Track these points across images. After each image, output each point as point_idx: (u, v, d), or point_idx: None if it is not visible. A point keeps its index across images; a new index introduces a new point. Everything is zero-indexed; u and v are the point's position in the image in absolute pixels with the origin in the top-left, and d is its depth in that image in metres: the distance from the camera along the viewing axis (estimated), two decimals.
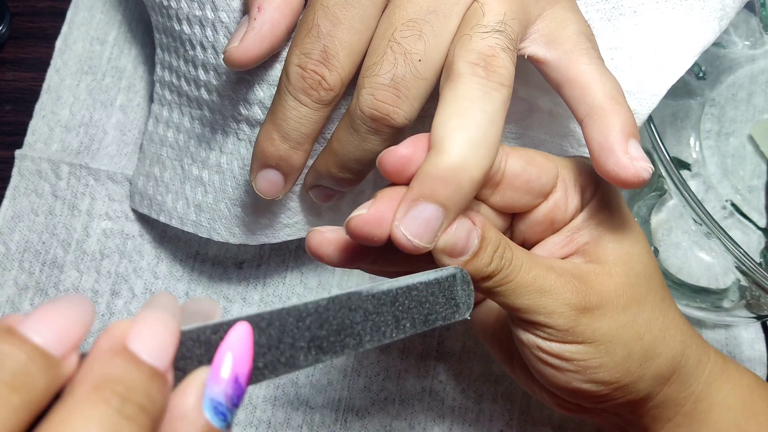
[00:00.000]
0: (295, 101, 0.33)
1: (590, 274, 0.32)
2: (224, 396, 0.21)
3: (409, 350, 0.47)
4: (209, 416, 0.21)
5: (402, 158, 0.29)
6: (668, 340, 0.33)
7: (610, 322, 0.31)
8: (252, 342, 0.23)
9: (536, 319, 0.31)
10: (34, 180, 0.49)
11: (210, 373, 0.22)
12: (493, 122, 0.29)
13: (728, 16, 0.37)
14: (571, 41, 0.32)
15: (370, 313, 0.26)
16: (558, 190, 0.32)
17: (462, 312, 0.29)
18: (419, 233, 0.28)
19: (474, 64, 0.29)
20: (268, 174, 0.35)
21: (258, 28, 0.33)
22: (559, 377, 0.32)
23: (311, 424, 0.46)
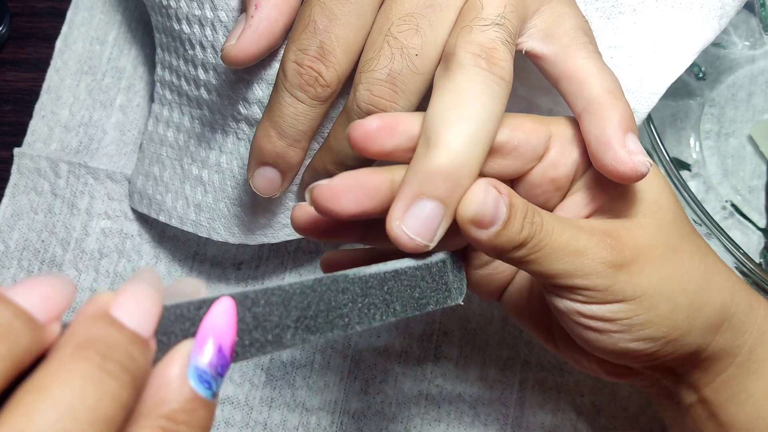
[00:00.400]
0: (291, 98, 0.33)
1: (621, 229, 0.30)
2: (208, 365, 0.22)
3: (406, 353, 0.47)
4: (194, 384, 0.21)
5: (367, 131, 0.29)
6: (714, 287, 0.32)
7: (649, 275, 0.30)
8: (235, 315, 0.23)
9: (573, 283, 0.29)
10: (34, 178, 0.50)
11: (194, 344, 0.22)
12: (493, 116, 0.28)
13: (728, 14, 0.36)
14: (568, 36, 0.32)
15: (358, 296, 0.26)
16: (553, 148, 0.31)
17: (454, 297, 0.29)
18: (421, 231, 0.28)
19: (476, 55, 0.29)
20: (266, 171, 0.35)
21: (255, 26, 0.33)
22: (604, 340, 0.31)
23: (307, 427, 0.46)
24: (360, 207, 0.29)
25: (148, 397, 0.21)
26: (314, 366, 0.47)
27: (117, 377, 0.19)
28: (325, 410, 0.46)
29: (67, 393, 0.18)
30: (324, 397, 0.46)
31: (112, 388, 0.19)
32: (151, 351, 0.21)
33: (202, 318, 0.23)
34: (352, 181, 0.29)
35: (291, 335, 0.25)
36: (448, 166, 0.27)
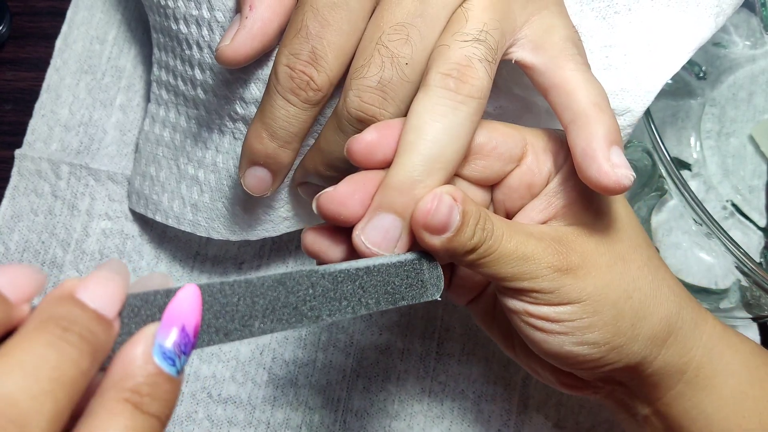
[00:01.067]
0: (283, 101, 0.33)
1: (569, 235, 0.32)
2: (172, 344, 0.23)
3: (408, 351, 0.47)
4: (158, 361, 0.23)
5: (368, 144, 0.30)
6: (660, 299, 0.33)
7: (594, 280, 0.31)
8: (200, 300, 0.25)
9: (521, 286, 0.31)
10: (34, 180, 0.49)
11: (160, 325, 0.24)
12: (455, 138, 0.30)
13: (725, 13, 0.36)
14: (557, 47, 0.32)
15: (329, 290, 0.28)
16: (528, 156, 0.33)
17: (431, 292, 0.31)
18: (378, 242, 0.30)
19: (445, 75, 0.30)
20: (257, 171, 0.36)
21: (249, 26, 0.33)
22: (550, 341, 0.32)
23: (310, 425, 0.46)
24: (366, 209, 0.31)
25: (114, 373, 0.23)
26: (316, 364, 0.47)
27: (77, 346, 0.21)
28: (328, 408, 0.46)
29: (31, 357, 0.20)
30: (327, 396, 0.46)
31: (72, 355, 0.21)
32: (113, 330, 0.23)
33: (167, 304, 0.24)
34: (355, 184, 0.30)
35: (259, 324, 0.26)
36: (401, 183, 0.29)
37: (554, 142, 0.33)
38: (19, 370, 0.20)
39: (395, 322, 0.47)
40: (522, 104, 0.38)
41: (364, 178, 0.30)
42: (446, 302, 0.46)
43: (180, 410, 0.46)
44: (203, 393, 0.46)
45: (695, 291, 0.45)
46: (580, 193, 0.33)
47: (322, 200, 0.30)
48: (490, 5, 0.31)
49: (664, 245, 0.47)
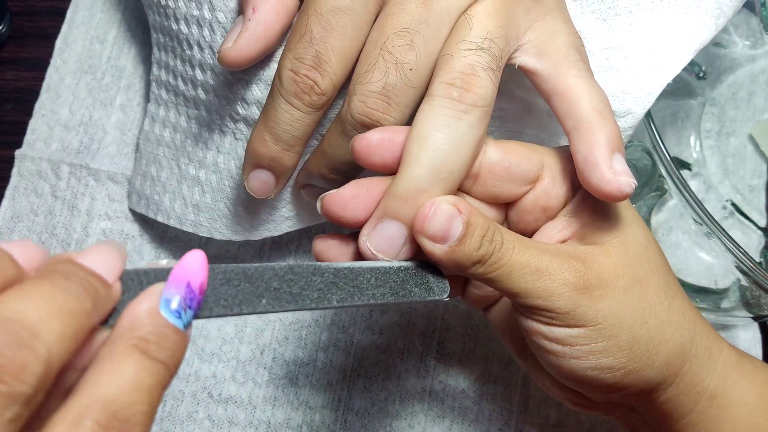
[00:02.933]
0: (287, 104, 0.33)
1: (587, 254, 0.32)
2: (178, 296, 0.24)
3: (409, 350, 0.47)
4: (164, 313, 0.24)
5: (369, 143, 0.31)
6: (675, 326, 0.32)
7: (611, 303, 0.31)
8: (205, 261, 0.26)
9: (536, 303, 0.31)
10: (34, 180, 0.49)
11: (167, 283, 0.25)
12: (457, 147, 0.30)
13: (725, 14, 0.36)
14: (560, 53, 0.32)
15: (330, 283, 0.29)
16: (545, 178, 0.33)
17: (437, 293, 0.31)
18: (383, 248, 0.31)
19: (449, 85, 0.30)
20: (260, 174, 0.36)
21: (252, 28, 0.33)
22: (564, 364, 0.32)
23: (311, 425, 0.46)
24: (368, 213, 0.31)
25: (121, 325, 0.24)
26: (317, 364, 0.47)
27: (78, 290, 0.23)
28: (328, 408, 0.46)
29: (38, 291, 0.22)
30: (327, 395, 0.46)
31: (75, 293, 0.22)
32: (111, 289, 0.24)
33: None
34: (360, 189, 0.31)
35: (265, 301, 0.27)
36: (405, 192, 0.30)
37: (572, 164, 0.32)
38: (28, 298, 0.21)
39: (396, 321, 0.47)
40: (523, 106, 0.38)
41: (368, 183, 0.31)
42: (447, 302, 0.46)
43: (180, 410, 0.46)
44: (204, 393, 0.46)
45: (695, 290, 0.46)
46: (599, 214, 0.32)
47: (326, 201, 0.31)
48: (494, 12, 0.31)
49: (664, 245, 0.47)
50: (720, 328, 0.48)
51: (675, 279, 0.34)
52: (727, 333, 0.48)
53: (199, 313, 0.26)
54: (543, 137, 0.39)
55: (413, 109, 0.32)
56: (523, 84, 0.37)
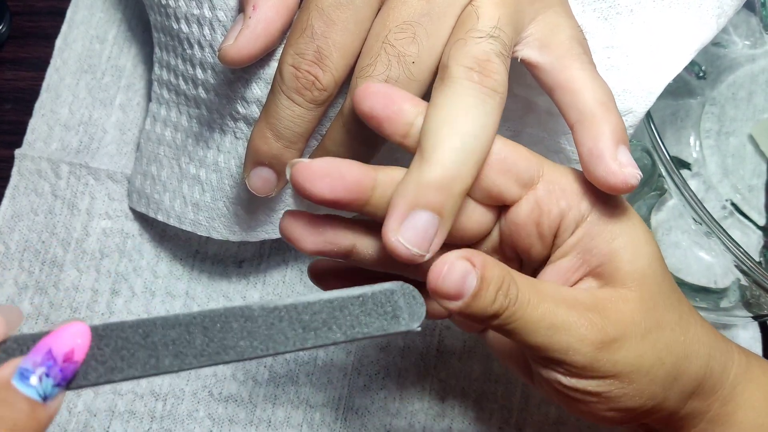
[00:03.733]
0: (288, 101, 0.33)
1: (606, 302, 0.30)
2: (32, 364, 0.24)
3: (409, 349, 0.47)
4: (15, 381, 0.23)
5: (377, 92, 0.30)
6: (692, 358, 0.32)
7: (629, 352, 0.30)
8: (85, 332, 0.25)
9: (554, 356, 0.30)
10: (34, 179, 0.49)
11: (29, 351, 0.24)
12: (485, 129, 0.29)
13: (726, 14, 0.36)
14: (563, 46, 0.32)
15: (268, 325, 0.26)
16: (540, 189, 0.31)
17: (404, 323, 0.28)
18: (417, 241, 0.28)
19: (469, 69, 0.29)
20: (262, 172, 0.35)
21: (253, 26, 0.33)
22: (583, 408, 0.32)
23: (311, 423, 0.46)
24: (334, 195, 0.29)
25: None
26: (317, 362, 0.47)
27: None
28: (328, 406, 0.46)
29: None
30: (327, 394, 0.46)
31: None
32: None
33: None
34: (332, 168, 0.29)
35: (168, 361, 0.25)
36: (441, 179, 0.28)
37: (576, 184, 0.32)
38: None
39: None
40: (523, 104, 0.38)
41: (343, 166, 0.29)
42: None
43: (181, 409, 0.46)
44: (204, 392, 0.47)
45: (695, 290, 0.46)
46: (616, 249, 0.31)
47: (295, 169, 0.29)
48: (500, 2, 0.31)
49: (664, 245, 0.47)
50: (720, 327, 0.48)
51: (687, 304, 0.33)
52: (727, 332, 0.48)
53: (76, 382, 0.25)
54: (542, 136, 0.39)
55: None
56: (523, 82, 0.37)
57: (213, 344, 0.26)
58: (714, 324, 0.48)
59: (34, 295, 0.48)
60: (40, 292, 0.48)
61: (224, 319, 0.26)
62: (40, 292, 0.48)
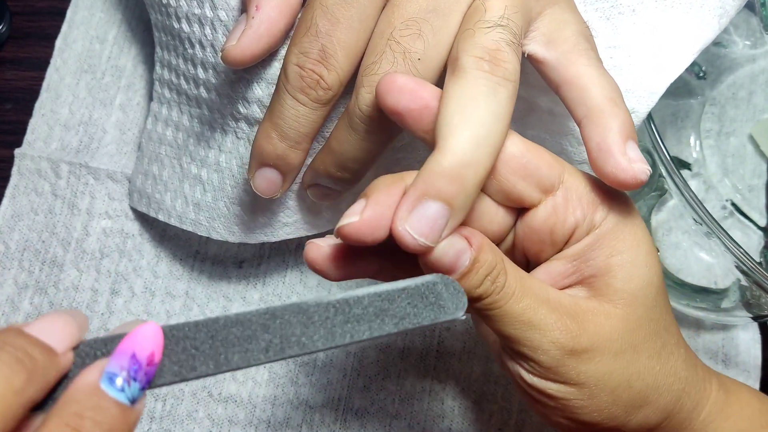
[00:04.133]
0: (293, 100, 0.32)
1: (587, 313, 0.30)
2: (119, 368, 0.24)
3: (409, 350, 0.47)
4: (104, 386, 0.23)
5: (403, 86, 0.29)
6: (662, 390, 0.32)
7: (597, 366, 0.30)
8: (159, 332, 0.25)
9: (521, 350, 0.30)
10: (34, 179, 0.49)
11: (111, 355, 0.24)
12: (499, 118, 0.28)
13: (728, 14, 0.36)
14: (570, 42, 0.32)
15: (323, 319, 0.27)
16: (559, 195, 0.31)
17: (450, 311, 0.28)
18: (425, 232, 0.27)
19: (479, 59, 0.29)
20: (266, 173, 0.35)
21: (255, 26, 0.33)
22: (540, 409, 0.32)
23: (311, 424, 0.46)
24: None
25: (61, 400, 0.23)
26: (317, 363, 0.47)
27: (10, 366, 0.22)
28: (328, 407, 0.46)
29: None
30: (327, 394, 0.46)
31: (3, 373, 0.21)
32: (58, 359, 0.24)
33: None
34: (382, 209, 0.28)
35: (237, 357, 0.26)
36: (452, 167, 0.27)
37: (594, 193, 0.31)
38: None
39: None
40: (525, 105, 0.38)
41: (387, 199, 0.28)
42: None
43: (180, 409, 0.46)
44: (204, 392, 0.46)
45: (695, 291, 0.46)
46: (612, 266, 0.31)
47: (346, 231, 0.28)
48: None
49: (664, 245, 0.47)
50: (720, 328, 0.48)
51: (676, 334, 0.33)
52: (727, 333, 0.48)
53: (153, 383, 0.25)
54: (544, 137, 0.39)
55: None
56: (527, 82, 0.37)
57: (276, 340, 0.26)
58: (714, 324, 0.48)
59: (34, 295, 0.48)
60: (40, 292, 0.48)
61: (282, 315, 0.26)
62: (40, 292, 0.48)
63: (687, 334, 0.48)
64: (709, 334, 0.48)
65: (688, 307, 0.45)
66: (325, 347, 0.26)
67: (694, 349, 0.48)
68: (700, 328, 0.48)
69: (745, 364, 0.48)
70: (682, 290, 0.45)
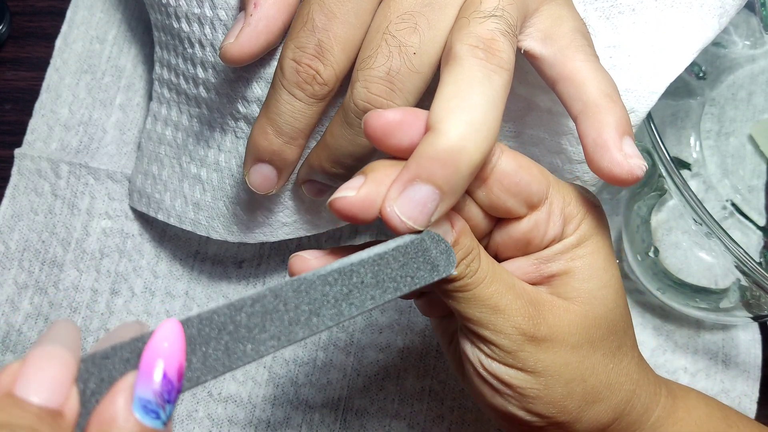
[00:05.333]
0: (289, 95, 0.33)
1: (550, 305, 0.31)
2: (153, 393, 0.22)
3: (408, 350, 0.47)
4: (140, 416, 0.21)
5: (388, 123, 0.28)
6: (615, 388, 0.32)
7: (554, 356, 0.31)
8: (182, 335, 0.23)
9: (483, 334, 0.30)
10: (34, 179, 0.49)
11: (138, 373, 0.22)
12: (494, 105, 0.28)
13: (728, 14, 0.36)
14: (567, 38, 0.32)
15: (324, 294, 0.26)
16: (542, 211, 0.31)
17: (442, 270, 0.28)
18: (413, 215, 0.27)
19: (473, 47, 0.29)
20: (262, 168, 0.35)
21: (254, 24, 0.33)
22: (496, 399, 0.32)
23: (310, 424, 0.46)
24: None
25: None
26: (317, 363, 0.47)
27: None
28: (328, 407, 0.46)
29: None
30: (327, 395, 0.46)
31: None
32: (64, 418, 0.21)
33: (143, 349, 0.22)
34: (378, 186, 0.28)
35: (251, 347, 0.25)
36: (446, 151, 0.27)
37: (573, 207, 0.32)
38: None
39: (395, 320, 0.47)
40: (524, 104, 0.38)
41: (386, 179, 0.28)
42: None
43: (180, 409, 0.46)
44: (203, 392, 0.46)
45: (695, 291, 0.46)
46: (573, 268, 0.32)
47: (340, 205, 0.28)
48: None
49: (664, 245, 0.47)
50: (720, 328, 0.48)
51: (632, 338, 0.34)
52: (727, 333, 0.48)
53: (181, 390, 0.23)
54: (543, 137, 0.39)
55: (417, 97, 0.32)
56: (525, 81, 0.37)
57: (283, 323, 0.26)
58: (713, 325, 0.48)
59: (34, 294, 0.48)
60: (40, 291, 0.48)
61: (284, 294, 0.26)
62: (40, 292, 0.48)
63: (687, 334, 0.48)
64: (709, 334, 0.48)
65: (688, 307, 0.45)
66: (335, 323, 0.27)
67: (694, 349, 0.48)
68: (700, 328, 0.48)
69: (745, 364, 0.48)
70: (682, 290, 0.45)
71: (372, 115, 0.28)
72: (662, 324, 0.48)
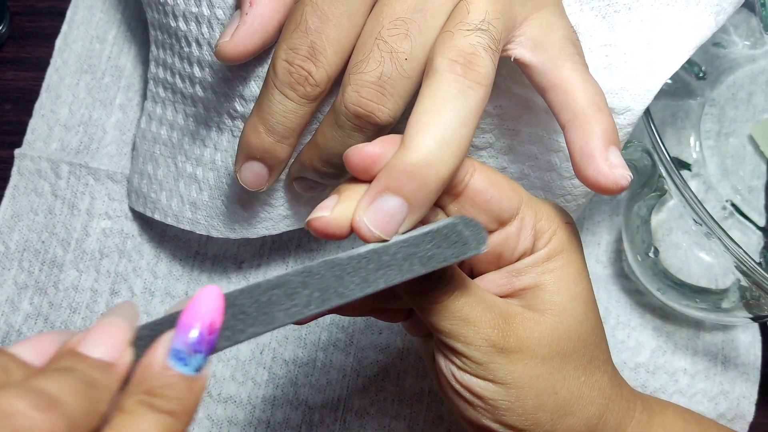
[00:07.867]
0: (281, 95, 0.33)
1: (517, 317, 0.31)
2: (183, 344, 0.25)
3: (408, 350, 0.47)
4: (171, 363, 0.24)
5: (369, 156, 0.29)
6: (586, 401, 0.33)
7: (525, 368, 0.31)
8: (219, 296, 0.26)
9: (455, 346, 0.31)
10: (34, 179, 0.49)
11: (175, 330, 0.25)
12: (465, 122, 0.29)
13: (725, 11, 0.36)
14: (556, 47, 0.32)
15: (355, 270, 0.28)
16: (513, 226, 0.32)
17: (473, 247, 0.29)
18: (381, 225, 0.28)
19: (453, 61, 0.29)
20: (253, 166, 0.36)
21: (249, 23, 0.33)
22: (469, 411, 0.32)
23: (310, 424, 0.46)
24: None
25: (131, 381, 0.24)
26: (316, 364, 0.47)
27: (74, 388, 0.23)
28: (328, 408, 0.46)
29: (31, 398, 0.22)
30: (326, 395, 0.46)
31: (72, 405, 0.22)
32: (117, 371, 0.25)
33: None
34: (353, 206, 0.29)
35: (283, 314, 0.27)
36: (414, 165, 0.28)
37: (545, 222, 0.33)
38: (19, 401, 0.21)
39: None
40: (522, 103, 0.38)
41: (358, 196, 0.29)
42: None
43: None
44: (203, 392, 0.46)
45: (695, 291, 0.45)
46: (544, 282, 0.32)
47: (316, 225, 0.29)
48: None
49: (664, 245, 0.47)
50: (720, 328, 0.48)
51: (605, 353, 0.34)
52: (727, 334, 0.48)
53: (216, 349, 0.26)
54: (541, 135, 0.39)
55: (407, 101, 0.32)
56: (521, 81, 0.37)
57: (316, 293, 0.27)
58: (713, 326, 0.48)
59: (33, 295, 0.48)
60: (40, 292, 0.48)
61: (318, 271, 0.27)
62: (39, 292, 0.48)
63: (687, 335, 0.48)
64: (709, 335, 0.48)
65: (688, 308, 0.45)
66: (362, 294, 0.28)
67: (694, 349, 0.48)
68: (700, 329, 0.48)
69: (745, 365, 0.48)
70: (682, 290, 0.45)
71: (352, 152, 0.29)
72: (662, 325, 0.48)
